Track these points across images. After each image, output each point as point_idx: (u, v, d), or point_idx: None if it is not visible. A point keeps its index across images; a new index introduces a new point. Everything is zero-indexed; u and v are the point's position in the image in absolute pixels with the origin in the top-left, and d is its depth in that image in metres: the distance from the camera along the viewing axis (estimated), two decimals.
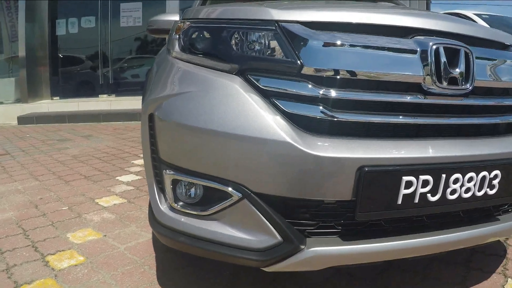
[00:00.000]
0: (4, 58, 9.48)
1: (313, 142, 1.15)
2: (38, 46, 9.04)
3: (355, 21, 1.27)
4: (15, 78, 8.81)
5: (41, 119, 7.58)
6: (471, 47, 1.32)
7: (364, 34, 1.25)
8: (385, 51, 1.24)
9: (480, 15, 5.97)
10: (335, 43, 1.22)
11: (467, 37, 1.36)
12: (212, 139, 1.19)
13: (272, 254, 1.20)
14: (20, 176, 3.56)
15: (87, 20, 9.26)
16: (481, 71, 1.35)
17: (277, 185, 1.15)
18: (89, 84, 9.62)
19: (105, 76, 9.42)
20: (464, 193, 1.24)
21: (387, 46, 1.24)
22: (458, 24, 1.38)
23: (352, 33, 1.25)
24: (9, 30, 9.35)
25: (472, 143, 1.31)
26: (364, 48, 1.23)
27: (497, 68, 1.42)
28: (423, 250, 1.29)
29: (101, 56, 9.39)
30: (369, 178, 1.13)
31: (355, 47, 1.23)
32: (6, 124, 7.86)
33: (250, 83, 1.24)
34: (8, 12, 9.26)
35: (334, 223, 1.24)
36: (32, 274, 1.79)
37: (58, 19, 9.35)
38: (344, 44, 1.22)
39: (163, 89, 1.38)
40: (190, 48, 1.37)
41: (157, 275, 1.75)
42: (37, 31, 8.99)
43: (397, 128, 1.25)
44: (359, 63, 1.22)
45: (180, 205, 1.31)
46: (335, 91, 1.20)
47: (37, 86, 8.99)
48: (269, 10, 1.28)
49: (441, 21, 1.34)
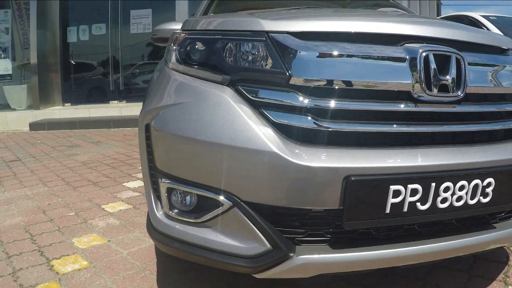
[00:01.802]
0: (17, 65, 9.62)
1: (300, 151, 1.16)
2: (49, 53, 9.18)
3: (344, 30, 1.27)
4: (27, 85, 8.94)
5: (53, 126, 7.70)
6: (464, 52, 1.31)
7: (354, 43, 1.26)
8: (374, 59, 1.24)
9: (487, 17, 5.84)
10: (322, 53, 1.23)
11: (460, 43, 1.35)
12: (202, 149, 1.22)
13: (262, 261, 1.22)
14: (30, 182, 3.64)
15: (98, 27, 9.41)
16: (475, 77, 1.34)
17: (266, 194, 1.17)
18: (100, 90, 9.74)
19: (115, 82, 9.54)
20: (456, 202, 1.23)
21: (376, 55, 1.25)
22: (451, 30, 1.37)
23: (341, 42, 1.25)
24: (21, 38, 9.51)
25: (464, 150, 1.29)
26: (352, 57, 1.24)
27: (492, 74, 1.40)
28: (414, 258, 1.28)
29: (111, 63, 9.52)
30: (356, 187, 1.14)
31: (343, 56, 1.23)
32: (19, 130, 8.02)
33: (241, 93, 1.26)
34: (20, 20, 9.42)
35: (323, 231, 1.25)
36: (37, 278, 1.84)
37: (69, 26, 9.52)
38: (332, 53, 1.23)
39: (159, 100, 1.41)
40: (185, 59, 1.39)
41: (157, 279, 1.79)
42: (48, 38, 9.14)
43: (387, 137, 1.25)
44: (347, 73, 1.22)
45: (175, 212, 1.34)
46: (323, 101, 1.21)
47: (48, 92, 9.13)
48: (260, 21, 1.30)
49: (433, 27, 1.33)
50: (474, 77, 1.34)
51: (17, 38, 9.58)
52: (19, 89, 8.97)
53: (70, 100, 9.49)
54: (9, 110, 8.76)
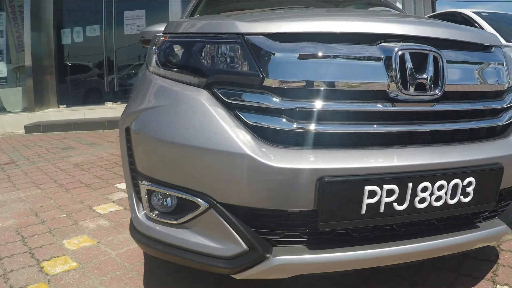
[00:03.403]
0: (12, 68, 9.61)
1: (274, 153, 1.16)
2: (44, 55, 9.17)
3: (320, 31, 1.26)
4: (22, 88, 8.93)
5: (48, 128, 7.70)
6: (444, 50, 1.30)
7: (329, 43, 1.25)
8: (349, 59, 1.23)
9: (479, 13, 5.79)
10: (296, 54, 1.23)
11: (439, 41, 1.33)
12: (178, 152, 1.23)
13: (239, 262, 1.23)
14: (23, 184, 3.66)
15: (92, 28, 9.39)
16: (455, 75, 1.32)
17: (240, 196, 1.18)
18: (95, 92, 9.73)
19: (110, 83, 9.53)
20: (435, 202, 1.22)
21: (351, 55, 1.24)
22: (430, 28, 1.35)
23: (316, 43, 1.24)
24: (15, 40, 9.49)
25: (443, 150, 1.27)
26: (326, 58, 1.23)
27: (473, 71, 1.38)
28: (394, 259, 1.28)
29: (106, 64, 9.50)
30: (330, 188, 1.13)
31: (317, 57, 1.23)
32: (14, 133, 8.02)
33: (216, 96, 1.26)
34: (14, 23, 9.40)
35: (300, 232, 1.25)
36: (27, 279, 1.88)
37: (63, 28, 9.50)
38: (305, 54, 1.22)
39: (139, 103, 1.42)
40: (164, 62, 1.40)
41: (144, 280, 1.81)
42: (43, 40, 9.12)
43: (363, 137, 1.24)
44: (321, 73, 1.22)
45: (155, 214, 1.36)
46: (297, 102, 1.21)
47: (43, 94, 9.12)
48: (235, 23, 1.30)
49: (411, 26, 1.32)
50: (454, 75, 1.33)
51: (11, 41, 9.56)
52: (14, 91, 8.96)
53: (65, 102, 9.48)
54: (5, 113, 8.75)
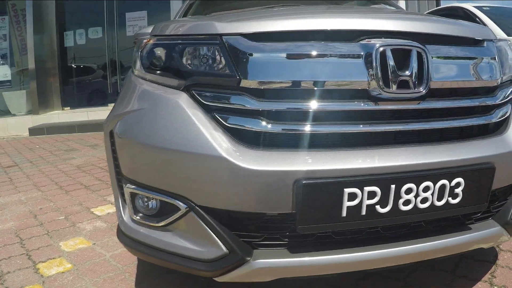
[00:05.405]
0: (16, 71, 9.70)
1: (251, 155, 1.14)
2: (47, 57, 9.26)
3: (298, 29, 1.23)
4: (26, 90, 9.03)
5: (52, 130, 7.77)
6: (430, 45, 1.24)
7: (308, 42, 1.21)
8: (328, 57, 1.19)
9: (480, 7, 5.73)
10: (273, 54, 1.20)
11: (425, 36, 1.28)
12: (159, 155, 1.24)
13: (220, 265, 1.22)
14: (25, 187, 3.71)
15: (94, 30, 9.48)
16: (442, 72, 1.27)
17: (218, 199, 1.18)
18: (98, 93, 9.80)
19: (113, 85, 9.60)
20: (421, 204, 1.18)
21: (330, 53, 1.20)
22: (414, 22, 1.29)
23: (294, 42, 1.21)
24: (19, 43, 9.58)
25: (429, 149, 1.22)
26: (304, 57, 1.20)
27: (462, 67, 1.32)
28: (379, 262, 1.24)
29: (109, 66, 9.58)
30: (307, 191, 1.10)
31: (294, 56, 1.20)
32: (19, 135, 8.11)
33: (194, 98, 1.26)
34: (17, 26, 9.49)
35: (280, 235, 1.23)
36: (22, 280, 1.91)
37: (66, 30, 9.59)
38: (282, 54, 1.20)
39: (123, 106, 1.44)
40: (147, 64, 1.40)
41: (136, 282, 1.84)
42: (45, 43, 9.21)
43: (343, 138, 1.20)
44: (299, 73, 1.19)
45: (139, 216, 1.37)
46: (274, 103, 1.19)
47: (47, 97, 9.21)
48: (214, 24, 1.28)
49: (394, 21, 1.27)
50: (441, 72, 1.27)
51: (15, 44, 9.65)
52: (18, 94, 9.07)
53: (69, 104, 9.58)
54: (9, 116, 8.86)
